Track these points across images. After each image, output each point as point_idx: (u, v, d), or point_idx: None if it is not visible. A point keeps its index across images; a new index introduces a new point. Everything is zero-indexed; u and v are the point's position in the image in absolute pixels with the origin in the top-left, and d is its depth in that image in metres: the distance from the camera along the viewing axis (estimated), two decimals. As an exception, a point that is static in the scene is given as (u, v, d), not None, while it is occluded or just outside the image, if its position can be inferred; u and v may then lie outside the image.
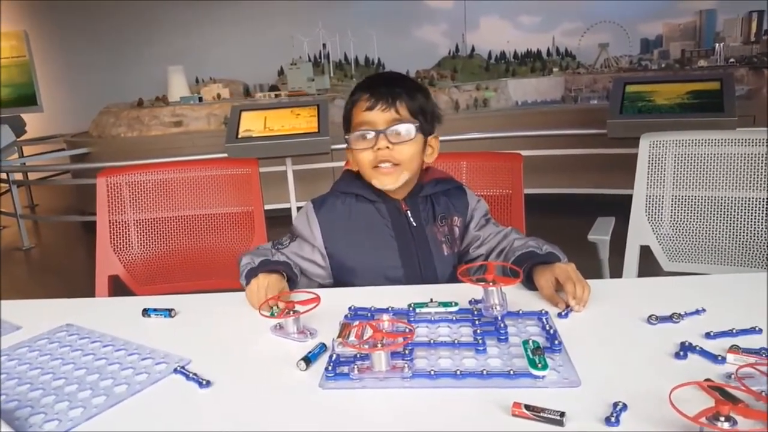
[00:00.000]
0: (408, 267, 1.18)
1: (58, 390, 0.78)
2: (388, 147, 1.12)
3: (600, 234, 1.66)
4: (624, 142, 3.76)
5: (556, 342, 0.84)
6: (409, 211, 1.19)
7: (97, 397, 0.76)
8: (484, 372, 0.77)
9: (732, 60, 5.80)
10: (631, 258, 1.58)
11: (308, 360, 0.81)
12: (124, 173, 1.61)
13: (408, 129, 1.14)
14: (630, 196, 1.57)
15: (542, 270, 1.03)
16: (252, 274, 1.06)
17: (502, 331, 0.88)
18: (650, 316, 0.91)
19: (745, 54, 5.90)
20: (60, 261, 4.49)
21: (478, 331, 0.89)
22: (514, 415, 0.68)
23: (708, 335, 0.85)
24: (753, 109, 4.34)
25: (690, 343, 0.81)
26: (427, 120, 1.19)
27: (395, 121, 1.13)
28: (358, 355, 0.81)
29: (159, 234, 1.61)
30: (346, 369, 0.78)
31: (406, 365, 0.78)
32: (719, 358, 0.78)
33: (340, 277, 1.21)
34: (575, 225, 1.79)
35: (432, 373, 0.77)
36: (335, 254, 1.20)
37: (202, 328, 1.00)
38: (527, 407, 0.67)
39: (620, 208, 1.72)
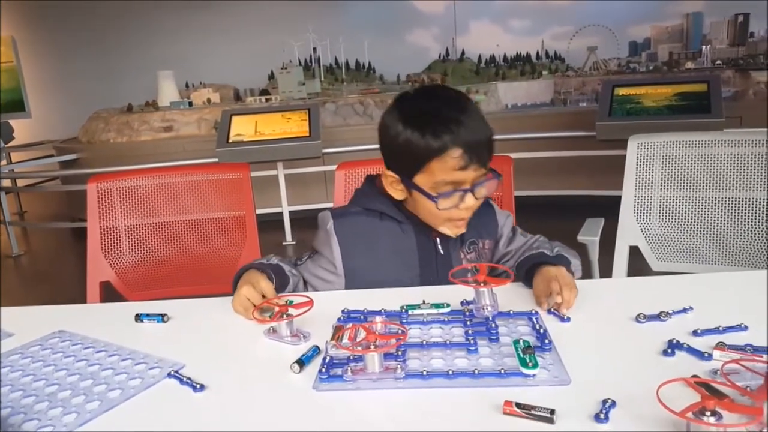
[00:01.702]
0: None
1: (51, 396, 0.78)
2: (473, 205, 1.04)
3: (589, 235, 1.67)
4: (613, 144, 3.79)
5: (546, 341, 0.85)
6: (438, 239, 1.12)
7: (91, 402, 0.76)
8: (476, 371, 0.77)
9: (719, 62, 5.86)
10: (621, 258, 1.59)
11: (302, 363, 0.82)
12: (114, 179, 1.60)
13: (493, 186, 1.05)
14: (619, 197, 1.58)
15: (541, 270, 1.03)
16: (235, 282, 1.06)
17: (493, 332, 0.89)
18: (638, 315, 0.92)
19: (731, 56, 5.98)
20: (50, 268, 4.47)
21: (470, 332, 0.89)
22: (505, 413, 0.69)
23: (695, 333, 0.86)
24: (740, 111, 4.39)
25: (677, 341, 0.82)
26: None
27: (482, 177, 1.03)
28: (351, 357, 0.81)
29: (150, 240, 1.61)
30: (339, 371, 0.79)
31: (398, 366, 0.79)
32: (706, 355, 0.80)
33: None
34: (565, 226, 1.81)
35: (424, 373, 0.78)
36: (353, 276, 1.13)
37: (195, 333, 1.00)
38: (518, 405, 0.68)
39: (609, 209, 1.73)
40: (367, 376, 0.78)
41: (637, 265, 1.57)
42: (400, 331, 0.86)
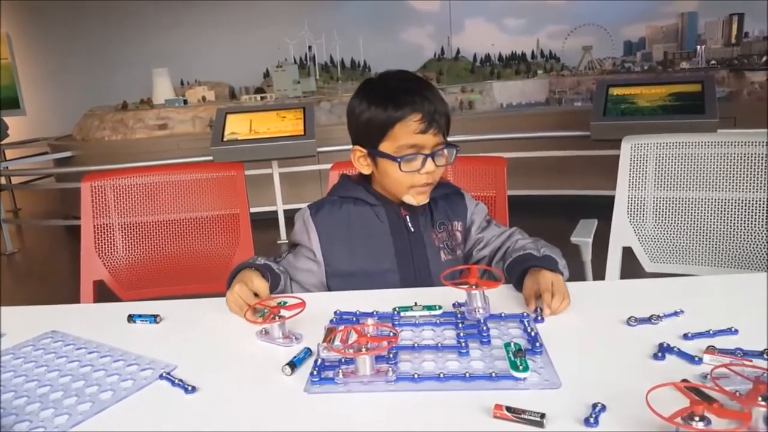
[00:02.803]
0: (404, 270, 1.19)
1: (43, 397, 0.78)
2: (433, 171, 1.13)
3: (582, 236, 1.67)
4: (607, 144, 3.80)
5: (537, 344, 0.85)
6: (407, 216, 1.20)
7: (83, 404, 0.76)
8: (467, 374, 0.78)
9: (713, 62, 5.88)
10: (614, 259, 1.59)
11: (293, 365, 0.82)
12: (108, 178, 1.60)
13: (451, 153, 1.15)
14: (612, 198, 1.58)
15: (532, 272, 1.03)
16: (229, 282, 1.07)
17: (485, 334, 0.89)
18: (629, 318, 0.92)
19: (726, 56, 5.98)
20: (44, 266, 4.45)
21: (461, 334, 0.90)
22: (495, 416, 0.69)
23: (686, 336, 0.87)
24: (734, 111, 4.40)
25: (668, 344, 0.83)
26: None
27: (441, 144, 1.13)
28: (343, 360, 0.82)
29: (144, 238, 1.61)
30: (331, 373, 0.79)
31: (390, 369, 0.79)
32: (696, 358, 0.80)
33: (334, 285, 1.21)
34: (558, 227, 1.81)
35: (416, 376, 0.78)
36: (332, 261, 1.20)
37: (187, 334, 1.00)
38: (508, 409, 0.69)
39: (603, 210, 1.74)
40: (358, 379, 0.78)
41: (631, 266, 1.57)
42: (391, 334, 0.86)
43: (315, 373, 0.80)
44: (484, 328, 0.90)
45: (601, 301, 1.03)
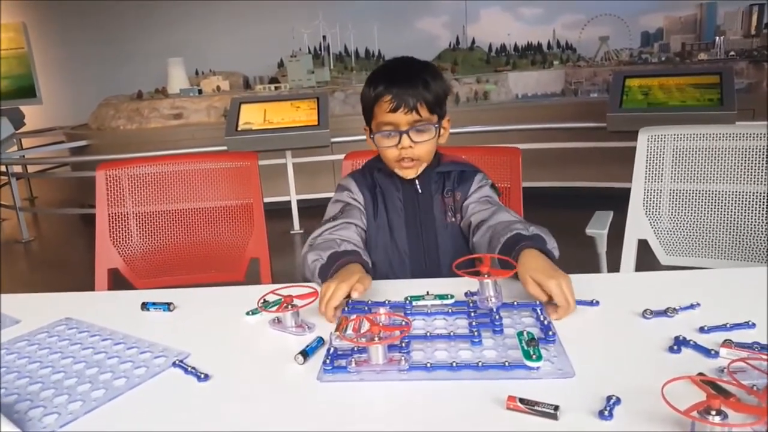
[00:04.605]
0: (410, 229, 1.29)
1: (57, 383, 0.79)
2: (410, 146, 1.21)
3: (598, 228, 1.66)
4: (623, 136, 3.76)
5: (551, 333, 0.84)
6: (417, 180, 1.29)
7: (96, 390, 0.77)
8: (480, 363, 0.77)
9: (732, 53, 5.77)
10: (629, 252, 1.57)
11: (306, 354, 0.82)
12: (123, 167, 1.61)
13: (429, 129, 1.23)
14: (628, 190, 1.57)
15: (528, 259, 0.98)
16: (325, 271, 1.05)
17: (497, 323, 0.88)
18: (645, 311, 0.91)
19: (745, 47, 5.88)
20: (59, 254, 4.50)
21: (474, 323, 0.89)
22: (508, 408, 0.68)
23: (702, 329, 0.85)
24: (752, 103, 4.32)
25: (684, 338, 0.82)
26: (442, 107, 1.26)
27: (416, 122, 1.21)
28: (355, 349, 0.82)
29: (158, 227, 1.61)
30: (343, 362, 0.79)
31: (402, 358, 0.79)
32: (712, 352, 0.79)
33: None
34: (574, 218, 1.79)
35: (428, 365, 0.78)
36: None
37: (200, 322, 1.00)
38: (521, 401, 0.68)
39: (619, 202, 1.72)
40: (370, 368, 0.78)
41: (646, 259, 1.55)
42: (403, 323, 0.86)
43: (328, 362, 0.80)
44: (497, 317, 0.90)
45: (615, 294, 1.01)
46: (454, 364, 0.77)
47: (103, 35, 7.17)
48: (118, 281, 1.56)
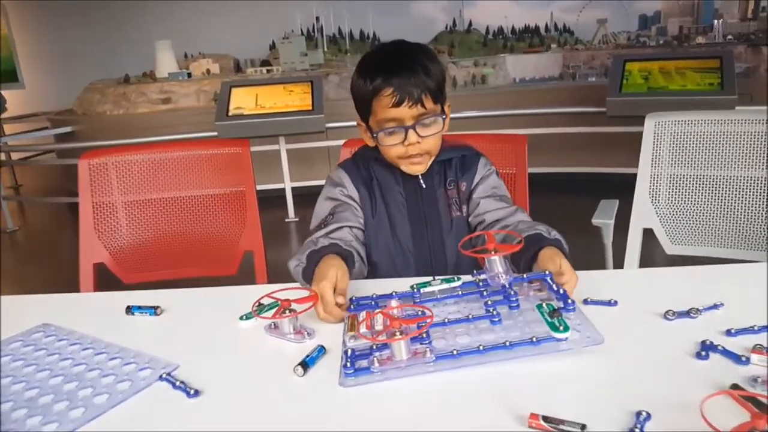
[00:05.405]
0: (415, 226, 1.20)
1: (30, 402, 0.72)
2: (418, 141, 1.11)
3: (604, 218, 1.61)
4: (623, 121, 3.71)
5: (569, 301, 0.82)
6: (420, 174, 1.20)
7: (75, 409, 0.70)
8: (507, 343, 0.75)
9: (730, 37, 5.73)
10: (634, 242, 1.53)
11: (306, 365, 0.75)
12: (107, 155, 1.54)
13: (436, 121, 1.13)
14: (630, 175, 1.53)
15: (549, 254, 0.97)
16: (307, 274, 0.99)
17: (513, 299, 0.86)
18: (667, 312, 0.86)
19: (742, 31, 5.83)
20: (45, 244, 4.39)
21: (489, 302, 0.86)
22: (531, 427, 0.62)
23: (729, 332, 0.80)
24: (750, 87, 4.27)
25: (711, 342, 0.76)
26: (443, 92, 1.16)
27: (422, 115, 1.11)
28: (375, 347, 0.77)
29: (146, 218, 1.55)
30: (365, 362, 0.75)
31: (427, 349, 0.75)
32: (743, 358, 0.73)
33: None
34: (576, 205, 1.75)
35: (454, 352, 0.74)
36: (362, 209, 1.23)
37: (190, 328, 0.93)
38: (545, 419, 0.62)
39: (620, 187, 1.68)
40: (395, 365, 0.74)
41: (649, 248, 1.52)
42: (420, 312, 0.82)
43: (348, 365, 0.74)
44: (512, 292, 0.87)
45: (633, 292, 0.95)
46: (481, 348, 0.74)
47: (88, 17, 6.99)
48: (105, 276, 1.49)
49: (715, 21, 5.91)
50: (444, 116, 1.14)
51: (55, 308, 1.02)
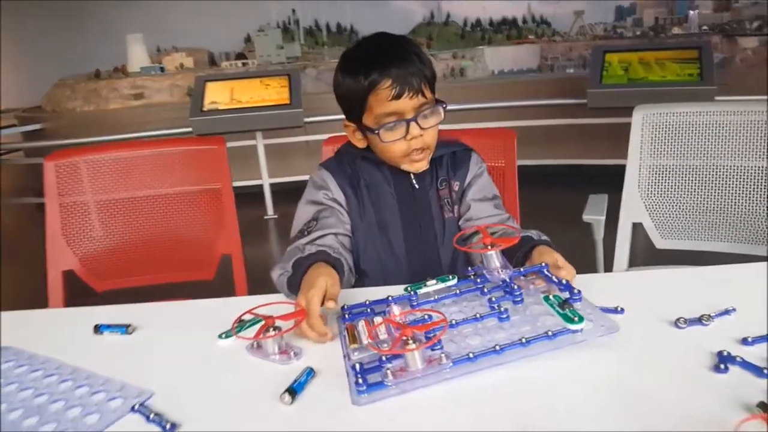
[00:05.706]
0: (408, 228, 1.15)
1: (-15, 442, 0.64)
2: (420, 134, 1.06)
3: (595, 213, 1.58)
4: (605, 112, 3.70)
5: (575, 291, 0.80)
6: (412, 174, 1.14)
7: (35, 450, 0.62)
8: (523, 340, 0.72)
9: (705, 27, 5.79)
10: (624, 236, 1.52)
11: (293, 392, 0.68)
12: (75, 155, 1.46)
13: (436, 111, 1.07)
14: (614, 167, 1.54)
15: (543, 250, 0.95)
16: (293, 283, 0.93)
17: (517, 294, 0.83)
18: (678, 319, 0.81)
19: (717, 21, 5.90)
20: (13, 247, 4.22)
21: (493, 299, 0.83)
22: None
23: (745, 341, 0.75)
24: (727, 77, 4.30)
25: (729, 353, 0.71)
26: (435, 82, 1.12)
27: (422, 106, 1.06)
28: (384, 358, 0.71)
29: (118, 221, 1.47)
30: (377, 376, 0.69)
31: (442, 355, 0.71)
32: (765, 371, 0.68)
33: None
34: (561, 197, 1.71)
35: (471, 355, 0.71)
36: (349, 211, 1.16)
37: (164, 348, 0.85)
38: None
39: (605, 178, 1.65)
40: (410, 376, 0.69)
41: (638, 243, 1.51)
42: (427, 317, 0.78)
43: (360, 381, 0.68)
44: (515, 287, 0.84)
45: (639, 296, 0.90)
46: (497, 348, 0.71)
47: (57, 9, 6.80)
48: (76, 284, 1.42)
49: (690, 12, 5.97)
50: (444, 105, 1.08)
51: (15, 326, 0.93)
